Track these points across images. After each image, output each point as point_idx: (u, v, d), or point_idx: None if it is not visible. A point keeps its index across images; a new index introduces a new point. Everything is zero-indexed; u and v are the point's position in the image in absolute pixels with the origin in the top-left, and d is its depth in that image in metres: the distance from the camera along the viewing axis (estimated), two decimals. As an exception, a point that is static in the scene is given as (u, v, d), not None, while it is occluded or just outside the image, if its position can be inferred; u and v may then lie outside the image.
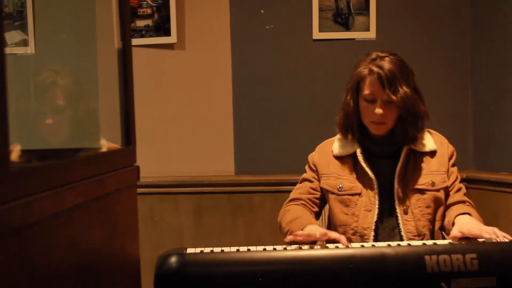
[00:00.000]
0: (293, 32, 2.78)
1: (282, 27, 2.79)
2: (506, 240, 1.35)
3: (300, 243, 1.40)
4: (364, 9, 2.74)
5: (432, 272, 1.18)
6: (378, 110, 1.58)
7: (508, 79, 2.57)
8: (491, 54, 2.67)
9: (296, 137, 2.79)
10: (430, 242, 1.35)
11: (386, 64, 1.58)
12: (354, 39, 2.75)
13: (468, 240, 1.42)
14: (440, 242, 1.37)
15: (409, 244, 1.30)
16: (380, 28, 2.74)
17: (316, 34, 2.76)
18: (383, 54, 1.62)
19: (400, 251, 1.22)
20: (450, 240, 1.43)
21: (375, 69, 1.59)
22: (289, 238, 1.41)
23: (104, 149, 1.69)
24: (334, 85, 2.75)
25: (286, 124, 2.80)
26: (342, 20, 2.74)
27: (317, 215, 1.76)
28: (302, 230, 1.51)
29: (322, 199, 1.75)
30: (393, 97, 1.56)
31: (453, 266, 1.18)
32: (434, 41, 2.77)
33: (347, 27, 2.75)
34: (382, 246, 1.28)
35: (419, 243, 1.33)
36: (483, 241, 1.36)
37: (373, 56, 1.63)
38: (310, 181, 1.76)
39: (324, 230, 1.45)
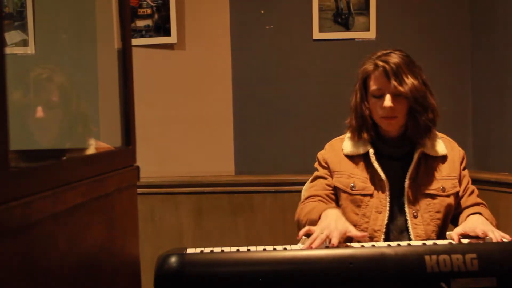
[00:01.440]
0: (293, 32, 2.78)
1: (282, 27, 2.79)
2: (505, 240, 1.35)
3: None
4: (364, 9, 2.74)
5: (432, 272, 1.18)
6: (387, 103, 1.57)
7: (508, 79, 2.57)
8: (491, 54, 2.67)
9: (296, 137, 2.79)
10: (430, 242, 1.35)
11: (391, 58, 1.59)
12: (354, 39, 2.75)
13: (469, 238, 1.42)
14: (440, 242, 1.37)
15: (409, 244, 1.30)
16: (380, 28, 2.74)
17: (316, 34, 2.76)
18: (387, 51, 1.63)
19: (400, 251, 1.22)
20: (450, 240, 1.43)
21: (380, 63, 1.59)
22: (301, 233, 1.41)
23: (92, 148, 1.69)
24: (334, 85, 2.76)
25: (286, 124, 2.80)
26: (342, 20, 2.74)
27: None
28: (320, 216, 1.49)
29: (337, 196, 1.72)
30: (400, 88, 1.56)
31: (453, 266, 1.18)
32: (434, 41, 2.77)
33: (347, 27, 2.75)
34: (382, 246, 1.28)
35: (419, 243, 1.33)
36: (482, 240, 1.37)
37: (378, 53, 1.64)
38: (324, 178, 1.71)
39: (342, 231, 1.38)
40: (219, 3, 2.80)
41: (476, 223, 1.49)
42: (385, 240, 1.60)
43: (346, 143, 1.70)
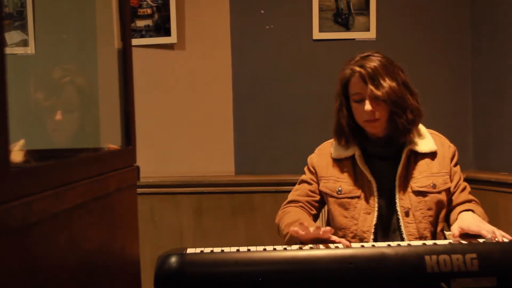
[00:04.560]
0: (293, 32, 2.78)
1: (282, 27, 2.79)
2: (506, 240, 1.35)
3: (301, 238, 1.41)
4: (364, 9, 2.74)
5: (432, 272, 1.18)
6: (367, 107, 1.58)
7: (508, 79, 2.57)
8: (491, 54, 2.67)
9: (296, 137, 2.79)
10: (430, 242, 1.35)
11: (368, 62, 1.60)
12: (354, 39, 2.75)
13: (468, 238, 1.42)
14: (440, 242, 1.37)
15: (409, 244, 1.30)
16: (380, 28, 2.74)
17: (316, 34, 2.76)
18: (365, 54, 1.64)
19: (400, 251, 1.22)
20: (450, 240, 1.43)
21: (357, 68, 1.60)
22: (293, 230, 1.43)
23: (104, 149, 1.70)
24: (334, 85, 2.76)
25: (286, 124, 2.80)
26: (342, 20, 2.74)
27: (315, 218, 1.75)
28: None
29: (321, 201, 1.75)
30: (377, 92, 1.57)
31: (453, 266, 1.18)
32: (434, 41, 2.77)
33: (347, 27, 2.75)
34: (382, 246, 1.28)
35: (419, 243, 1.33)
36: (483, 241, 1.37)
37: (356, 58, 1.65)
38: (309, 184, 1.75)
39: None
40: (219, 3, 2.80)
41: (474, 221, 1.49)
42: (375, 240, 1.60)
43: (335, 147, 1.73)
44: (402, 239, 1.59)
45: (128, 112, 1.07)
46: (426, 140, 1.68)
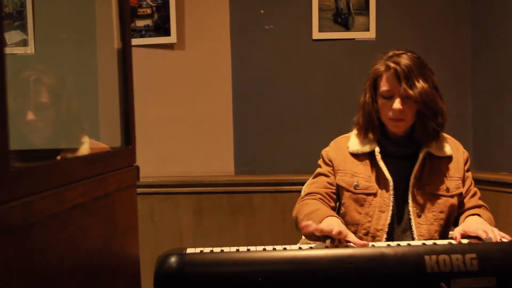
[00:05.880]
0: (293, 32, 2.78)
1: (282, 27, 2.79)
2: (505, 240, 1.35)
3: (312, 234, 1.37)
4: (364, 9, 2.74)
5: (431, 272, 1.18)
6: (397, 105, 1.56)
7: (508, 79, 2.57)
8: (491, 54, 2.67)
9: (296, 137, 2.79)
10: (430, 242, 1.35)
11: (403, 60, 1.58)
12: (354, 39, 2.75)
13: (468, 238, 1.42)
14: (440, 242, 1.37)
15: (409, 244, 1.30)
16: (380, 28, 2.74)
17: (316, 34, 2.76)
18: (400, 52, 1.62)
19: (399, 251, 1.22)
20: (450, 240, 1.43)
21: (392, 64, 1.58)
22: (305, 223, 1.37)
23: (85, 146, 1.69)
24: (334, 85, 2.77)
25: (286, 124, 2.80)
26: (342, 20, 2.74)
27: (333, 211, 1.72)
28: (320, 222, 1.46)
29: (338, 194, 1.71)
30: (410, 92, 1.54)
31: (452, 266, 1.18)
32: (434, 41, 2.77)
33: (347, 27, 2.75)
34: (381, 246, 1.28)
35: (419, 243, 1.33)
36: (483, 241, 1.37)
37: (390, 54, 1.63)
38: (327, 176, 1.71)
39: (341, 229, 1.37)
40: (219, 3, 2.80)
41: (476, 224, 1.49)
42: (388, 239, 1.59)
43: (352, 141, 1.70)
44: (413, 240, 1.58)
45: (128, 112, 1.07)
46: (443, 144, 1.67)
